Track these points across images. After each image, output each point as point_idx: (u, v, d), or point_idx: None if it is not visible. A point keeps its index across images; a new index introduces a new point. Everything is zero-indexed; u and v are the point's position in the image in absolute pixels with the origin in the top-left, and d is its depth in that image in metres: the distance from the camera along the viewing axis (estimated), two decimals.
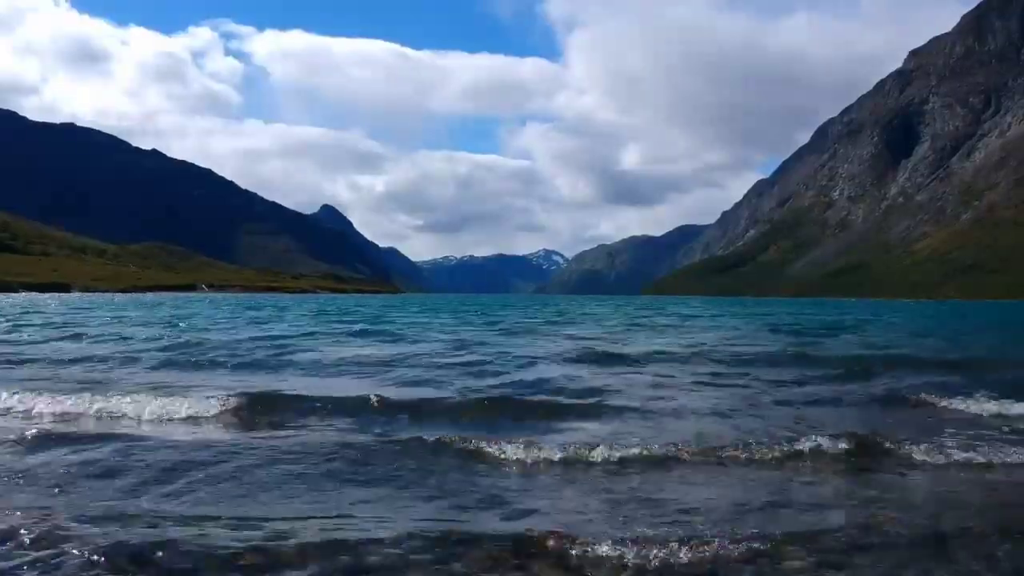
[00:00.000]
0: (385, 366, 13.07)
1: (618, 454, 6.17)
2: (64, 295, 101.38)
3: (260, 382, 10.74)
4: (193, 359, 13.60)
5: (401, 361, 13.80)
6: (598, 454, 6.16)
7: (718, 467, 6.07)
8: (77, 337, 18.72)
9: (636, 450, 6.28)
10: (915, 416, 8.77)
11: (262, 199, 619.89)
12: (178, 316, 34.36)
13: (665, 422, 8.07)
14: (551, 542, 4.04)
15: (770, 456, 6.32)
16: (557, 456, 6.14)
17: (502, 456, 6.15)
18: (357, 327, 26.06)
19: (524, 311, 48.89)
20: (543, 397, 9.57)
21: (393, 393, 9.54)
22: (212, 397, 8.56)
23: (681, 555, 3.89)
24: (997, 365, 13.75)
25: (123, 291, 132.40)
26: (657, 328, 28.18)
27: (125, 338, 18.58)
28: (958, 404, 9.06)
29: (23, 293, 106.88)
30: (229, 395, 8.61)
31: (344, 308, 53.60)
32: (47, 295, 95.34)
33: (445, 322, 31.35)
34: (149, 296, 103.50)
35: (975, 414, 8.58)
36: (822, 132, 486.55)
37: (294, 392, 9.45)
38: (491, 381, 11.13)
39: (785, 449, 6.43)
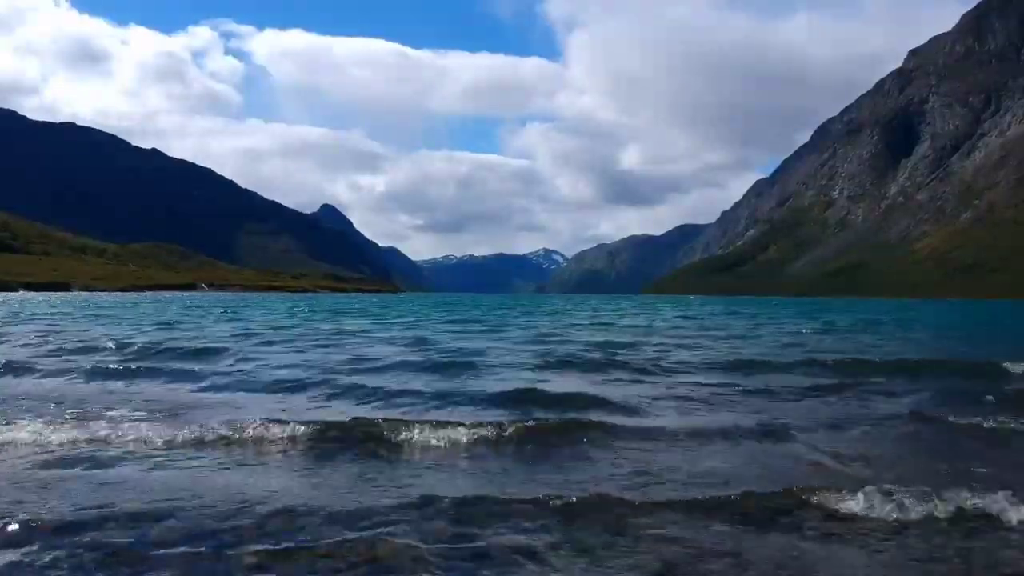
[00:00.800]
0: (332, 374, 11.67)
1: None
2: (49, 294, 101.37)
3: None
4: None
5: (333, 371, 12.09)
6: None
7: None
8: None
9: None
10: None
11: (262, 199, 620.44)
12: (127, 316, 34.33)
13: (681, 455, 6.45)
14: None
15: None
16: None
17: None
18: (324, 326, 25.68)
19: (518, 311, 48.75)
20: (530, 422, 7.43)
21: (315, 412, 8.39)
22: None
23: None
24: None
25: (122, 290, 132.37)
26: (657, 329, 27.99)
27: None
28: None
29: (20, 292, 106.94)
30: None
31: (332, 306, 53.61)
32: (44, 294, 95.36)
33: (431, 321, 31.28)
34: (147, 295, 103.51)
35: None
36: (822, 132, 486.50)
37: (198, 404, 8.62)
38: (452, 389, 9.87)
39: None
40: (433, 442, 6.66)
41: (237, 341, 18.06)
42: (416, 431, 6.86)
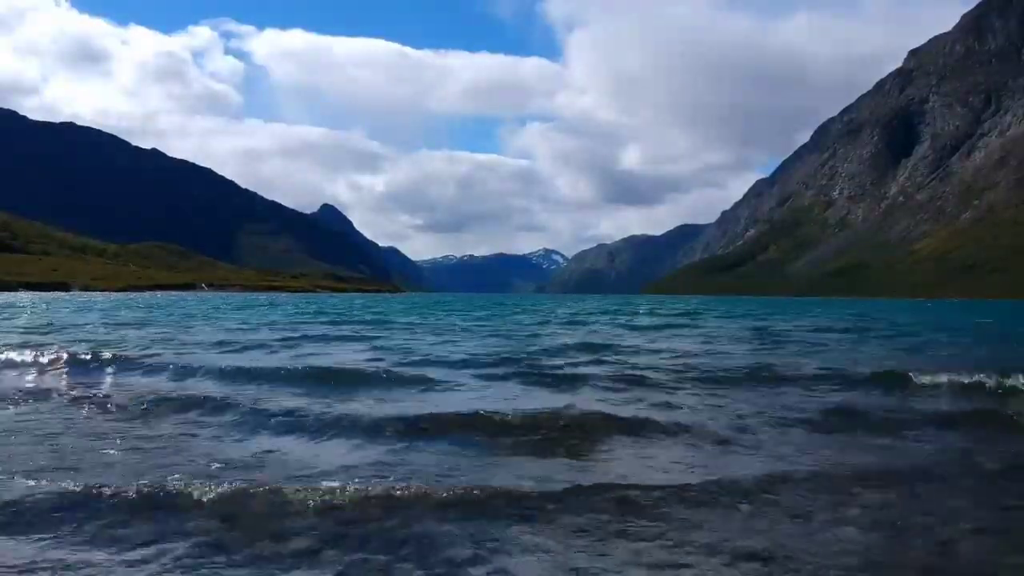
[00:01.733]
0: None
1: None
2: (48, 294, 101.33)
3: None
4: None
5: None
6: None
7: None
8: None
9: None
10: None
11: (262, 199, 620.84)
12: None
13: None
14: None
15: None
16: None
17: None
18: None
19: (510, 310, 48.53)
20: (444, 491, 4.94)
21: None
22: None
23: None
24: None
25: (122, 290, 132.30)
26: (651, 331, 27.80)
27: None
28: None
29: (16, 292, 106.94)
30: None
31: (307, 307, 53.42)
32: (43, 294, 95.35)
33: (410, 320, 31.09)
34: (146, 295, 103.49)
35: None
36: (822, 132, 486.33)
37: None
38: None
39: None
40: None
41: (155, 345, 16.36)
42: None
